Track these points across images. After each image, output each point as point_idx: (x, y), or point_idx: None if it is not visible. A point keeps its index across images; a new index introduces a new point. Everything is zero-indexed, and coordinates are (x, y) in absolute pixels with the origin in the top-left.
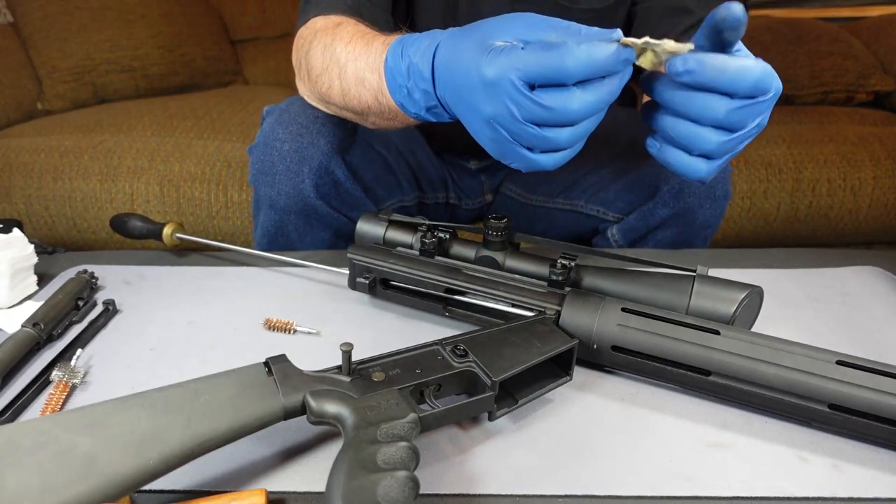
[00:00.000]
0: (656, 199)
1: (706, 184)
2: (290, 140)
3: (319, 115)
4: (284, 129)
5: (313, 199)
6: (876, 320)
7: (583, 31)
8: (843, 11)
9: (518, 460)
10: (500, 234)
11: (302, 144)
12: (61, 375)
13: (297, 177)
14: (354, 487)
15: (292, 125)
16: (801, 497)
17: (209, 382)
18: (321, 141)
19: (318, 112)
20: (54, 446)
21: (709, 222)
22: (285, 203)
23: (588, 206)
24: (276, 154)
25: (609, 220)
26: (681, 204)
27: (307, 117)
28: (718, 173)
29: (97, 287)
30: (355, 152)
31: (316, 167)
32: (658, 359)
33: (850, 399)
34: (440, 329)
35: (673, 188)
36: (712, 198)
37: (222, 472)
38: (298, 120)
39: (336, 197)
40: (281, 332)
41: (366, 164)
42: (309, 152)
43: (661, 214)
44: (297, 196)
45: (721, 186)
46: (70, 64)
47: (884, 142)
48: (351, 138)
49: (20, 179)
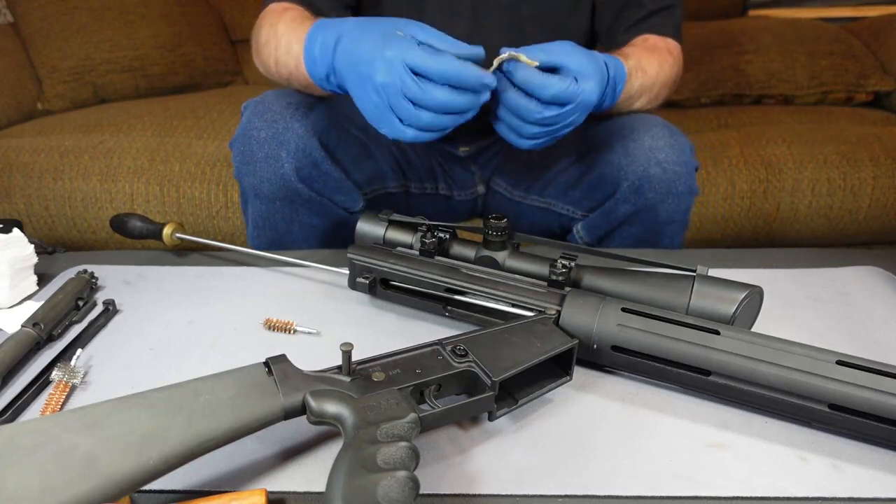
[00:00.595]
0: (617, 196)
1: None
2: (265, 128)
3: (293, 102)
4: (260, 117)
5: (294, 182)
6: (876, 320)
7: (462, 48)
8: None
9: (518, 460)
10: (500, 234)
11: (278, 130)
12: (61, 375)
13: (277, 162)
14: (354, 487)
15: (267, 113)
16: (801, 497)
17: (209, 382)
18: (296, 125)
19: (292, 99)
20: (54, 446)
21: (672, 218)
22: (269, 190)
23: (559, 204)
24: (255, 143)
25: (577, 218)
26: (641, 200)
27: (281, 104)
28: (681, 169)
29: (97, 287)
30: (331, 134)
31: (293, 150)
32: (658, 359)
33: (850, 399)
34: (440, 329)
35: (633, 184)
36: (674, 193)
37: (222, 472)
38: (273, 108)
39: (317, 179)
40: (281, 332)
41: (343, 147)
42: (285, 137)
43: (622, 211)
44: (278, 181)
45: (683, 182)
46: (70, 64)
47: (884, 142)
48: (326, 121)
49: (20, 179)
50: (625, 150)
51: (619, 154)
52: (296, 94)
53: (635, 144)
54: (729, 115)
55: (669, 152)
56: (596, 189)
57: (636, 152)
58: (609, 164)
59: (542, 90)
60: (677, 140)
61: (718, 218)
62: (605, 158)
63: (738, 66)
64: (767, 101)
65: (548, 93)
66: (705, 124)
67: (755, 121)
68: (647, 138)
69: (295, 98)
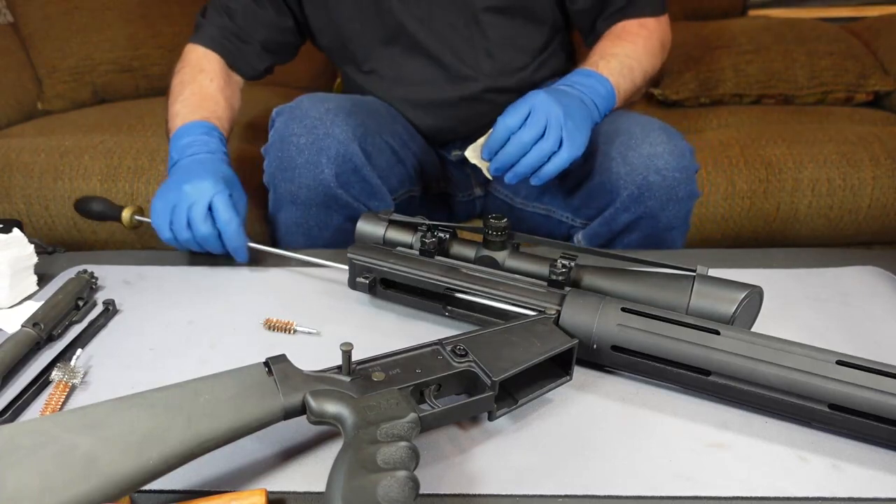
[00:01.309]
0: (617, 205)
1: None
2: (305, 133)
3: (331, 108)
4: (298, 123)
5: (334, 188)
6: (876, 320)
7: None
8: (843, 11)
9: (518, 460)
10: (500, 234)
11: (318, 136)
12: (61, 375)
13: (317, 168)
14: (354, 487)
15: (305, 119)
16: (801, 497)
17: (209, 382)
18: (336, 130)
19: (329, 104)
20: (54, 446)
21: (673, 224)
22: (306, 196)
23: (559, 211)
24: (294, 149)
25: (577, 226)
26: (642, 208)
27: (319, 111)
28: (681, 175)
29: (97, 287)
30: (368, 141)
31: (334, 156)
32: (658, 359)
33: (850, 399)
34: (440, 329)
35: (633, 194)
36: (674, 199)
37: (222, 472)
38: (311, 114)
39: (356, 185)
40: (281, 332)
41: (377, 153)
42: (326, 143)
43: (623, 219)
44: (318, 187)
45: (683, 188)
46: (70, 64)
47: (884, 142)
48: (363, 127)
49: (20, 179)
50: (623, 158)
51: (618, 163)
52: (332, 99)
53: (634, 153)
54: (729, 115)
55: (669, 159)
56: (595, 197)
57: (635, 161)
58: (608, 172)
59: (531, 182)
60: (676, 145)
61: (718, 218)
62: (603, 167)
63: (738, 66)
64: (767, 101)
65: (535, 182)
66: (705, 124)
67: (755, 121)
68: (645, 146)
69: (332, 103)
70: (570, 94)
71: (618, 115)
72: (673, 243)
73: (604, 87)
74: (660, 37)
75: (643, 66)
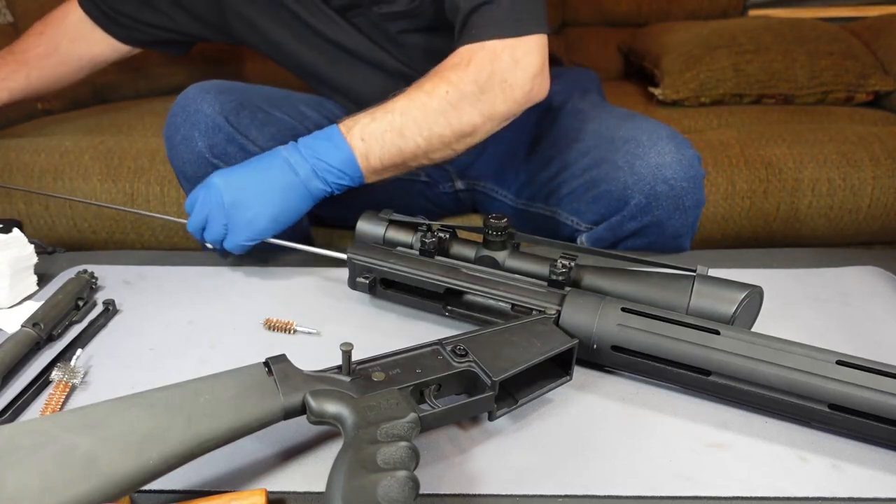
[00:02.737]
0: (624, 213)
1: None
2: (180, 112)
3: (207, 88)
4: (177, 105)
5: (210, 158)
6: (876, 320)
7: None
8: (843, 11)
9: (518, 460)
10: (501, 234)
11: (189, 112)
12: (61, 375)
13: (192, 142)
14: (354, 487)
15: (181, 100)
16: (801, 497)
17: (209, 382)
18: (205, 106)
19: (207, 86)
20: (54, 446)
21: (679, 232)
22: (192, 171)
23: (563, 213)
24: (173, 127)
25: (581, 229)
26: (649, 217)
27: (196, 91)
28: (688, 185)
29: (97, 287)
30: (242, 114)
31: (204, 129)
32: (658, 359)
33: (850, 399)
34: (440, 329)
35: (640, 203)
36: (681, 208)
37: (222, 472)
38: (188, 94)
39: (232, 156)
40: (281, 332)
41: (258, 126)
42: (196, 118)
43: (629, 227)
44: (196, 161)
45: (691, 196)
46: None
47: (884, 142)
48: (236, 102)
49: (20, 179)
50: (630, 168)
51: (625, 172)
52: (212, 84)
53: (641, 162)
54: (729, 115)
55: (677, 168)
56: (601, 204)
57: (642, 171)
58: (615, 181)
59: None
60: (684, 154)
61: (718, 218)
62: (610, 175)
63: (738, 66)
64: (767, 101)
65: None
66: (705, 124)
67: (755, 121)
68: (652, 154)
69: (210, 85)
70: (265, 170)
71: (623, 117)
72: (679, 248)
73: (339, 155)
74: (490, 72)
75: (422, 129)
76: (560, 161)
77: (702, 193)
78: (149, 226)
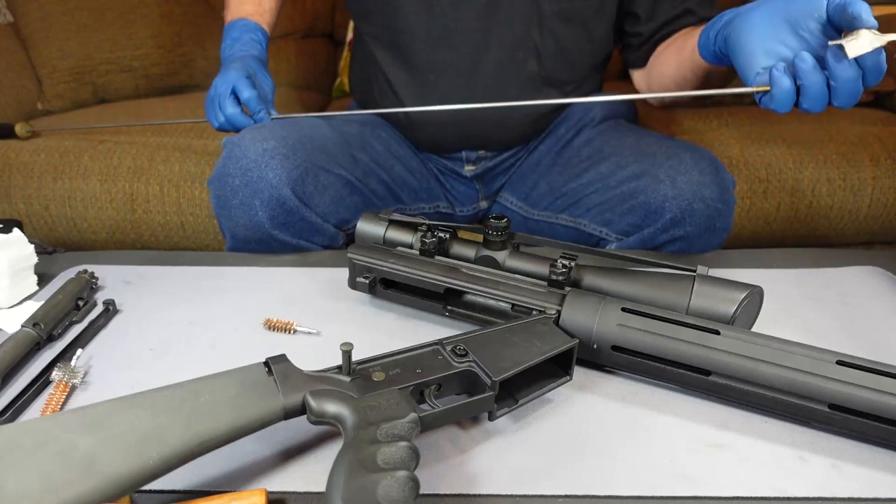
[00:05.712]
0: (658, 225)
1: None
2: (240, 175)
3: (268, 148)
4: (235, 164)
5: (269, 229)
6: (876, 320)
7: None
8: None
9: (518, 460)
10: (501, 234)
11: (251, 179)
12: (61, 375)
13: (251, 210)
14: (354, 487)
15: (242, 160)
16: (801, 497)
17: (209, 382)
18: (269, 174)
19: (267, 145)
20: (54, 446)
21: (704, 251)
22: (244, 234)
23: (591, 225)
24: (229, 189)
25: (609, 239)
26: (681, 231)
27: (256, 151)
28: (723, 207)
29: (97, 287)
30: (307, 181)
31: (267, 199)
32: (658, 359)
33: (850, 399)
34: (440, 329)
35: (676, 216)
36: (712, 229)
37: (222, 472)
38: (248, 154)
39: (292, 226)
40: (281, 332)
41: (320, 192)
42: (259, 186)
43: (660, 239)
44: (253, 227)
45: (722, 220)
46: (70, 64)
47: (884, 142)
48: (301, 168)
49: (20, 179)
50: (672, 181)
51: (666, 185)
52: (273, 136)
53: (684, 178)
54: (729, 115)
55: (714, 189)
56: (636, 214)
57: (683, 186)
58: (655, 193)
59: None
60: (723, 178)
61: None
62: (651, 188)
63: None
64: None
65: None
66: (705, 124)
67: (755, 121)
68: (695, 173)
69: (271, 143)
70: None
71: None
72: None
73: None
74: None
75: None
76: (594, 172)
77: (731, 221)
78: (149, 226)
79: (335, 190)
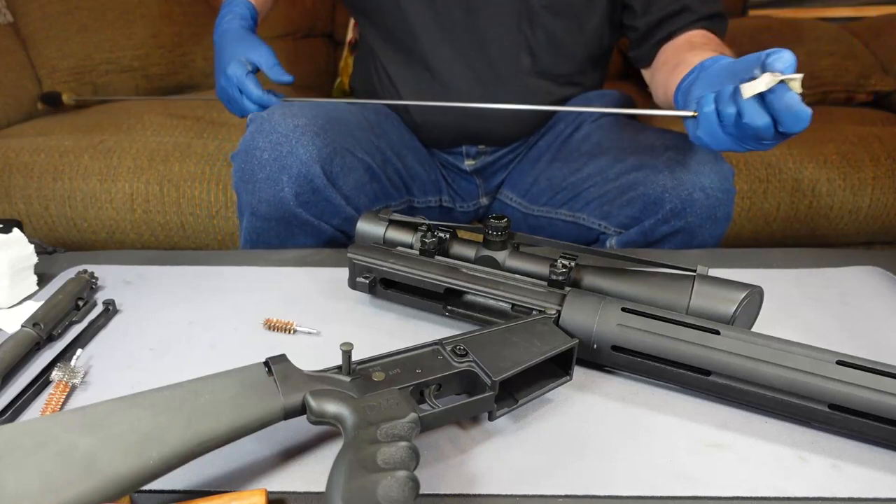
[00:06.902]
0: (658, 216)
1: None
2: (269, 149)
3: (299, 125)
4: (264, 137)
5: (293, 206)
6: (876, 320)
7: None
8: (843, 11)
9: (518, 460)
10: (501, 234)
11: (281, 153)
12: (61, 375)
13: (277, 185)
14: (354, 487)
15: (272, 134)
16: (801, 497)
17: (209, 382)
18: (300, 150)
19: (298, 121)
20: (54, 446)
21: (706, 242)
22: (266, 211)
23: (590, 218)
24: (256, 163)
25: (609, 233)
26: (681, 222)
27: (286, 126)
28: (723, 196)
29: (97, 287)
30: (335, 161)
31: (295, 175)
32: (658, 359)
33: (850, 399)
34: (440, 329)
35: (676, 207)
36: (713, 219)
37: (222, 472)
38: (278, 129)
39: (316, 205)
40: (281, 332)
41: (345, 173)
42: (288, 161)
43: (661, 231)
44: (277, 204)
45: (723, 209)
46: (70, 64)
47: (884, 142)
48: (330, 147)
49: (20, 179)
50: (671, 172)
51: (665, 176)
52: (303, 114)
53: (682, 168)
54: None
55: (714, 178)
56: (635, 206)
57: (682, 176)
58: (654, 184)
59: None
60: (721, 167)
61: None
62: (650, 178)
63: None
64: None
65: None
66: None
67: None
68: (693, 163)
69: (301, 119)
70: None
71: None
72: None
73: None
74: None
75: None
76: (593, 166)
77: (731, 210)
78: (149, 226)
79: (358, 174)
